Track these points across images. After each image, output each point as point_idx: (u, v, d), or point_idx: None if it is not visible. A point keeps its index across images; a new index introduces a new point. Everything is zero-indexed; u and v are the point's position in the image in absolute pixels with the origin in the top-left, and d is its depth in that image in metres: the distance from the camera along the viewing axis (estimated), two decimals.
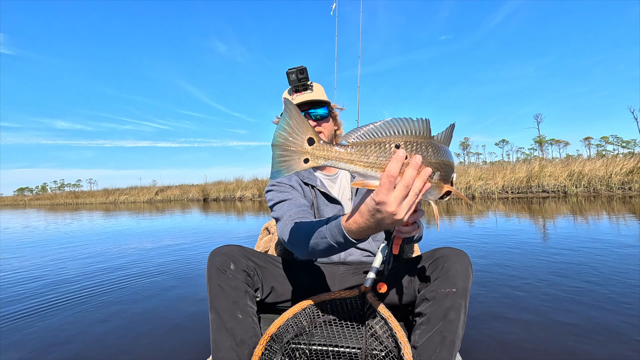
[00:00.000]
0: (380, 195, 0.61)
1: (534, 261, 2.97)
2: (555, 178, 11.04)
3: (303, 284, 1.12)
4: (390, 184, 0.60)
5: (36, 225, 9.65)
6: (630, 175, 10.08)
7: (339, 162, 0.63)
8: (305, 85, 1.18)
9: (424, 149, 0.64)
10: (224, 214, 9.88)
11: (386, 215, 0.63)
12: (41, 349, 1.75)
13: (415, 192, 0.62)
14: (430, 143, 0.65)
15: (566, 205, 7.82)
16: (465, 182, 12.24)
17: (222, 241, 4.89)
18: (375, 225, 0.67)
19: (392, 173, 0.60)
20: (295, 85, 1.17)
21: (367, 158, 0.63)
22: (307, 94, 1.18)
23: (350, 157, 0.63)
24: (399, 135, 0.63)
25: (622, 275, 2.45)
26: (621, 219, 5.24)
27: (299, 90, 1.18)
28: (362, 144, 0.63)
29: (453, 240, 4.14)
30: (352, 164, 0.63)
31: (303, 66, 1.14)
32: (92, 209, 18.05)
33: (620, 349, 1.49)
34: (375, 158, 0.63)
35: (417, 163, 0.61)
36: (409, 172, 0.61)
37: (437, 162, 0.66)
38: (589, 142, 68.63)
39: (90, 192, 35.31)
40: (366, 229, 0.69)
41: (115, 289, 2.77)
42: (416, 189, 0.62)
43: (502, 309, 1.97)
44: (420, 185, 0.62)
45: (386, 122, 0.63)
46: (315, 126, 1.19)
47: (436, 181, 0.68)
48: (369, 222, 0.67)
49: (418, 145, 0.63)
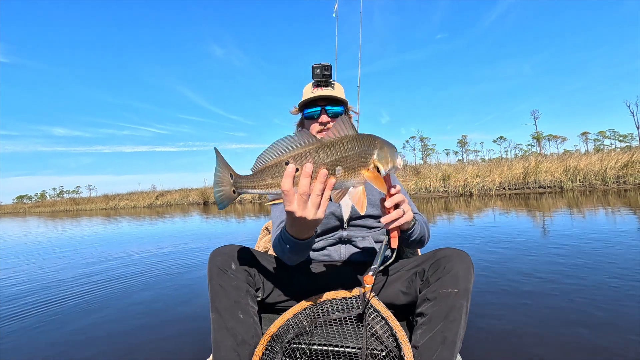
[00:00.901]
0: (287, 206, 0.72)
1: (534, 260, 2.95)
2: (551, 173, 11.14)
3: (304, 284, 1.13)
4: (290, 197, 0.71)
5: (41, 232, 9.65)
6: (625, 169, 10.19)
7: (249, 188, 0.76)
8: (327, 82, 1.22)
9: (314, 155, 0.72)
10: (225, 217, 9.90)
11: (299, 218, 0.73)
12: (41, 350, 1.76)
13: (317, 194, 0.71)
14: (321, 146, 0.73)
15: (563, 200, 7.89)
16: (463, 180, 12.33)
17: (223, 243, 4.74)
18: (300, 226, 0.80)
19: (285, 188, 0.70)
20: (318, 80, 1.21)
21: (264, 181, 0.74)
22: (327, 90, 1.21)
23: (253, 183, 0.75)
24: (289, 151, 0.73)
25: (624, 274, 2.43)
26: (618, 213, 5.29)
27: (320, 85, 1.22)
28: (261, 170, 0.75)
29: (452, 239, 4.16)
30: (256, 188, 0.75)
31: (328, 64, 1.19)
32: (92, 215, 17.98)
33: (620, 349, 1.47)
34: (271, 179, 0.73)
35: (307, 172, 0.70)
36: (302, 181, 0.70)
37: (334, 159, 0.73)
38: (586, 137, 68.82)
39: (90, 199, 35.27)
40: (298, 231, 0.82)
41: (116, 290, 2.78)
42: (317, 191, 0.71)
43: (502, 309, 1.96)
44: (320, 187, 0.71)
45: (272, 146, 0.74)
46: (328, 122, 1.22)
47: (342, 174, 0.74)
48: (295, 226, 0.81)
49: (305, 154, 0.72)
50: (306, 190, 0.70)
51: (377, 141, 0.80)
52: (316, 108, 1.22)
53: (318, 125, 1.22)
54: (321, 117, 1.21)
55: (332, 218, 1.18)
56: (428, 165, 16.49)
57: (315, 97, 1.20)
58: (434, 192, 12.68)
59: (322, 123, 1.21)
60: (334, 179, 0.73)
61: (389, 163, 0.80)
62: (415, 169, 14.59)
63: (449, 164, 17.07)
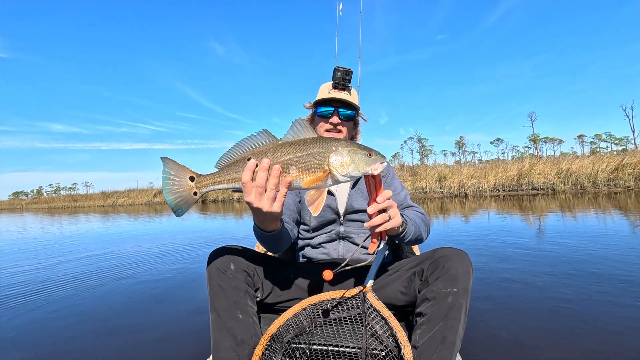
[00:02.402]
0: (245, 197, 0.80)
1: (533, 260, 2.98)
2: (544, 176, 11.34)
3: (303, 284, 1.13)
4: (248, 188, 0.79)
5: (40, 228, 9.59)
6: (615, 172, 10.41)
7: (215, 184, 0.83)
8: (345, 86, 1.27)
9: (273, 153, 0.80)
10: (223, 215, 9.92)
11: (256, 209, 0.81)
12: (40, 349, 1.76)
13: (271, 188, 0.79)
14: (280, 146, 0.81)
15: (555, 202, 8.03)
16: (458, 181, 12.53)
17: (222, 242, 4.90)
18: (260, 217, 0.86)
19: (245, 180, 0.79)
20: (337, 82, 1.25)
21: (229, 176, 0.83)
22: (343, 94, 1.26)
23: (218, 178, 0.83)
24: (252, 149, 0.82)
25: (621, 274, 2.45)
26: (609, 215, 5.41)
27: (338, 88, 1.26)
28: (226, 166, 0.83)
29: (450, 239, 4.21)
30: (221, 183, 0.84)
31: (350, 69, 1.24)
32: (90, 212, 17.86)
33: (621, 349, 1.47)
34: (235, 174, 0.82)
35: (263, 166, 0.78)
36: (259, 174, 0.78)
37: (289, 158, 0.79)
38: (583, 140, 69.29)
39: (88, 195, 35.09)
40: (260, 221, 0.89)
41: (115, 290, 2.77)
42: (272, 185, 0.79)
43: (502, 309, 1.96)
44: (274, 181, 0.78)
45: (237, 144, 0.83)
46: (337, 124, 1.27)
47: (297, 173, 0.80)
48: (257, 217, 0.88)
49: (266, 152, 0.80)
50: (261, 183, 0.78)
51: (338, 145, 0.80)
52: (330, 108, 1.27)
53: (328, 125, 1.27)
54: (333, 118, 1.26)
55: (328, 211, 1.21)
56: (425, 166, 16.66)
57: (331, 98, 1.25)
58: (430, 192, 12.85)
59: (332, 124, 1.26)
60: (290, 177, 0.79)
61: (347, 168, 0.79)
62: (412, 169, 14.76)
63: (445, 165, 17.25)
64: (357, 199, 1.24)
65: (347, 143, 0.82)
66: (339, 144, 0.81)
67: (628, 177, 10.14)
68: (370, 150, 0.83)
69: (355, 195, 1.24)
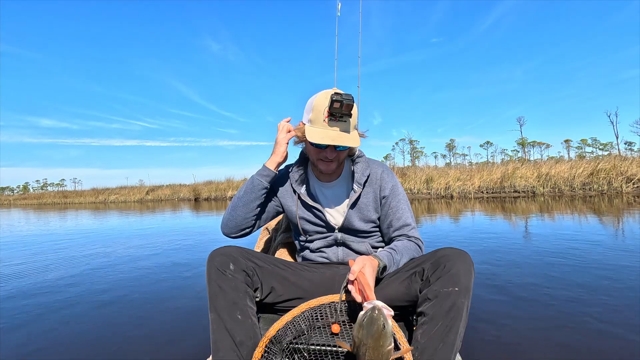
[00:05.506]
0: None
1: (532, 260, 3.00)
2: (525, 179, 11.94)
3: (302, 284, 1.12)
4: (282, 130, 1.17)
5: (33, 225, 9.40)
6: (591, 177, 11.05)
7: None
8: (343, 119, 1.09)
9: None
10: (217, 214, 10.00)
11: (278, 139, 1.15)
12: (39, 350, 1.74)
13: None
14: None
15: (535, 204, 8.46)
16: (445, 183, 13.03)
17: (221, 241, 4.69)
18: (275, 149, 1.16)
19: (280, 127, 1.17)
20: (335, 112, 1.05)
21: None
22: (341, 124, 1.09)
23: None
24: None
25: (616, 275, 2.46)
26: (592, 216, 5.61)
27: (334, 117, 1.07)
28: None
29: (448, 238, 4.24)
30: None
31: (353, 103, 1.05)
32: (81, 209, 17.54)
33: (621, 349, 1.48)
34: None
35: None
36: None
37: None
38: (569, 145, 71.08)
39: (79, 192, 34.53)
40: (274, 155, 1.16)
41: (114, 290, 2.73)
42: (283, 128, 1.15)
43: (502, 309, 1.97)
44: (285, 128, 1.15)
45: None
46: (332, 159, 1.14)
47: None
48: (276, 150, 1.15)
49: None
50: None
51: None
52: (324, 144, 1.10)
53: (321, 155, 1.13)
54: (327, 152, 1.11)
55: (322, 226, 1.21)
56: (415, 167, 17.13)
57: (329, 135, 1.07)
58: (417, 193, 13.33)
59: (327, 158, 1.12)
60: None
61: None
62: (402, 171, 15.22)
63: (435, 167, 17.75)
64: (354, 219, 1.19)
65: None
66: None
67: (602, 182, 10.77)
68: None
69: (354, 216, 1.19)
